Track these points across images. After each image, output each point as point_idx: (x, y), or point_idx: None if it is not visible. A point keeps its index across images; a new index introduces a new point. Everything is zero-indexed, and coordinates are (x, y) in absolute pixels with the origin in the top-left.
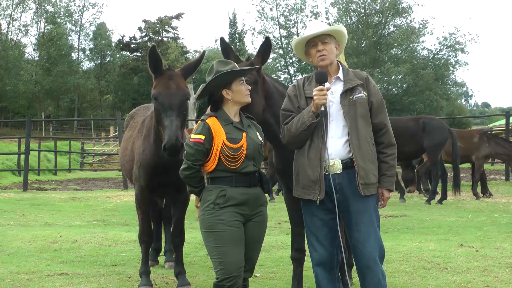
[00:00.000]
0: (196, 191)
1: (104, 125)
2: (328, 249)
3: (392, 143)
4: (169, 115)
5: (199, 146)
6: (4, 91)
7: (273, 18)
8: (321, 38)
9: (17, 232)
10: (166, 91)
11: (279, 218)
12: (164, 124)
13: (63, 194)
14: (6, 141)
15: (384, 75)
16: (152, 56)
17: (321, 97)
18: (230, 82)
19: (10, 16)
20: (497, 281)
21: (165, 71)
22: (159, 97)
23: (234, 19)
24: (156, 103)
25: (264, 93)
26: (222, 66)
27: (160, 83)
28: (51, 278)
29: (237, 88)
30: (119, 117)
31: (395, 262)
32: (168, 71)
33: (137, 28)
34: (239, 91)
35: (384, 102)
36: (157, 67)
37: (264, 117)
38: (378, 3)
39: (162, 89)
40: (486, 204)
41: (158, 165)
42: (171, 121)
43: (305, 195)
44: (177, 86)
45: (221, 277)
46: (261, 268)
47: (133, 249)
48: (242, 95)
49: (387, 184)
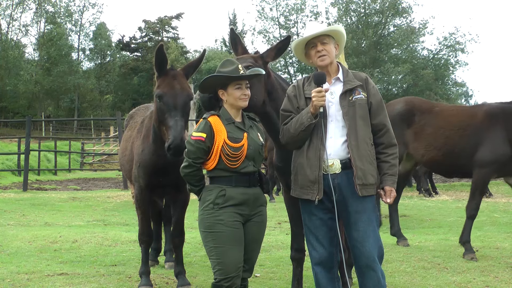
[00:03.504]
0: (196, 190)
1: (104, 125)
2: (328, 248)
3: (392, 143)
4: (174, 115)
5: (201, 144)
6: (4, 91)
7: (273, 18)
8: (320, 39)
9: (17, 232)
10: (171, 91)
11: (279, 218)
12: (168, 124)
13: (63, 194)
14: (6, 141)
15: (384, 75)
16: (159, 55)
17: (320, 99)
18: (226, 84)
19: (10, 16)
20: (497, 281)
21: (168, 71)
22: (163, 97)
23: (234, 19)
24: (160, 102)
25: (267, 86)
26: (224, 66)
27: (164, 82)
28: (51, 278)
29: (231, 91)
30: (119, 117)
31: (395, 262)
32: (171, 70)
33: (137, 28)
34: (232, 94)
35: (384, 102)
36: (163, 66)
37: (265, 110)
38: (378, 3)
39: (166, 89)
40: (486, 204)
41: (157, 165)
42: (176, 121)
43: (303, 195)
44: (181, 86)
45: (219, 278)
46: (261, 268)
47: (133, 249)
48: (235, 99)
49: (390, 182)
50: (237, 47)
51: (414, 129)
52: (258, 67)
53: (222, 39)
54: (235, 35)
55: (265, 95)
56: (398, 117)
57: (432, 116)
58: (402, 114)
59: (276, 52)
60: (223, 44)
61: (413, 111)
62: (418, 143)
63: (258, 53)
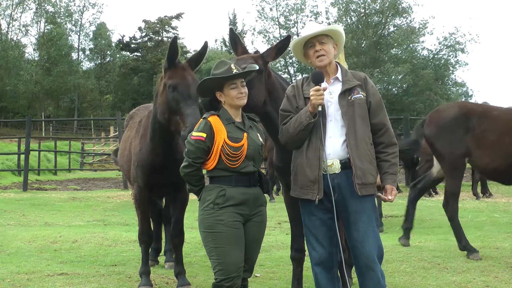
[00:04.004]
0: (195, 190)
1: (104, 125)
2: (327, 248)
3: (392, 142)
4: (190, 103)
5: (200, 143)
6: (4, 91)
7: (273, 18)
8: (318, 39)
9: (17, 232)
10: (185, 81)
11: (279, 218)
12: (185, 112)
13: (63, 194)
14: (6, 141)
15: (384, 75)
16: (174, 47)
17: (318, 97)
18: (222, 85)
19: (10, 16)
20: (497, 281)
21: (178, 63)
22: (178, 86)
23: (234, 19)
24: (173, 92)
25: (268, 86)
26: (217, 68)
27: (177, 73)
28: (51, 278)
29: (227, 91)
30: (119, 117)
31: (395, 262)
32: (179, 63)
33: (137, 28)
34: (229, 94)
35: (384, 102)
36: (174, 58)
37: (266, 110)
38: (378, 3)
39: (180, 79)
40: (486, 204)
41: (155, 164)
42: (194, 109)
43: (303, 195)
44: (192, 77)
45: (220, 278)
46: (261, 268)
47: (133, 249)
48: (232, 98)
49: (390, 181)
50: (237, 47)
51: (474, 135)
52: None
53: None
54: (235, 35)
55: (265, 95)
56: (454, 122)
57: (492, 121)
58: (458, 119)
59: (276, 52)
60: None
61: (469, 115)
62: (482, 151)
63: (258, 53)
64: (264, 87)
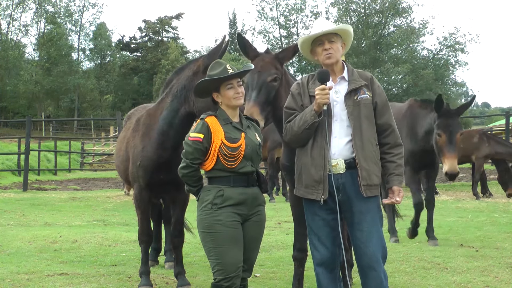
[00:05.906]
0: (194, 190)
1: (104, 125)
2: (330, 249)
3: (398, 143)
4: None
5: (198, 144)
6: (4, 91)
7: (273, 18)
8: (328, 37)
9: (17, 232)
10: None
11: (279, 218)
12: None
13: (63, 194)
14: (6, 141)
15: (384, 75)
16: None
17: (323, 96)
18: (218, 86)
19: (10, 16)
20: (497, 281)
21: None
22: None
23: (234, 19)
24: None
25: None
26: (212, 69)
27: None
28: (51, 278)
29: (224, 92)
30: (119, 117)
31: (395, 262)
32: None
33: (137, 28)
34: (226, 95)
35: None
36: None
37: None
38: (378, 3)
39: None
40: (486, 204)
41: (161, 161)
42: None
43: (308, 195)
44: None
45: (219, 278)
46: (261, 268)
47: (133, 249)
48: (229, 99)
49: (397, 182)
50: (248, 51)
51: None
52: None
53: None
54: (244, 39)
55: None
56: None
57: None
58: None
59: (293, 54)
60: None
61: None
62: None
63: (269, 52)
64: (283, 89)
